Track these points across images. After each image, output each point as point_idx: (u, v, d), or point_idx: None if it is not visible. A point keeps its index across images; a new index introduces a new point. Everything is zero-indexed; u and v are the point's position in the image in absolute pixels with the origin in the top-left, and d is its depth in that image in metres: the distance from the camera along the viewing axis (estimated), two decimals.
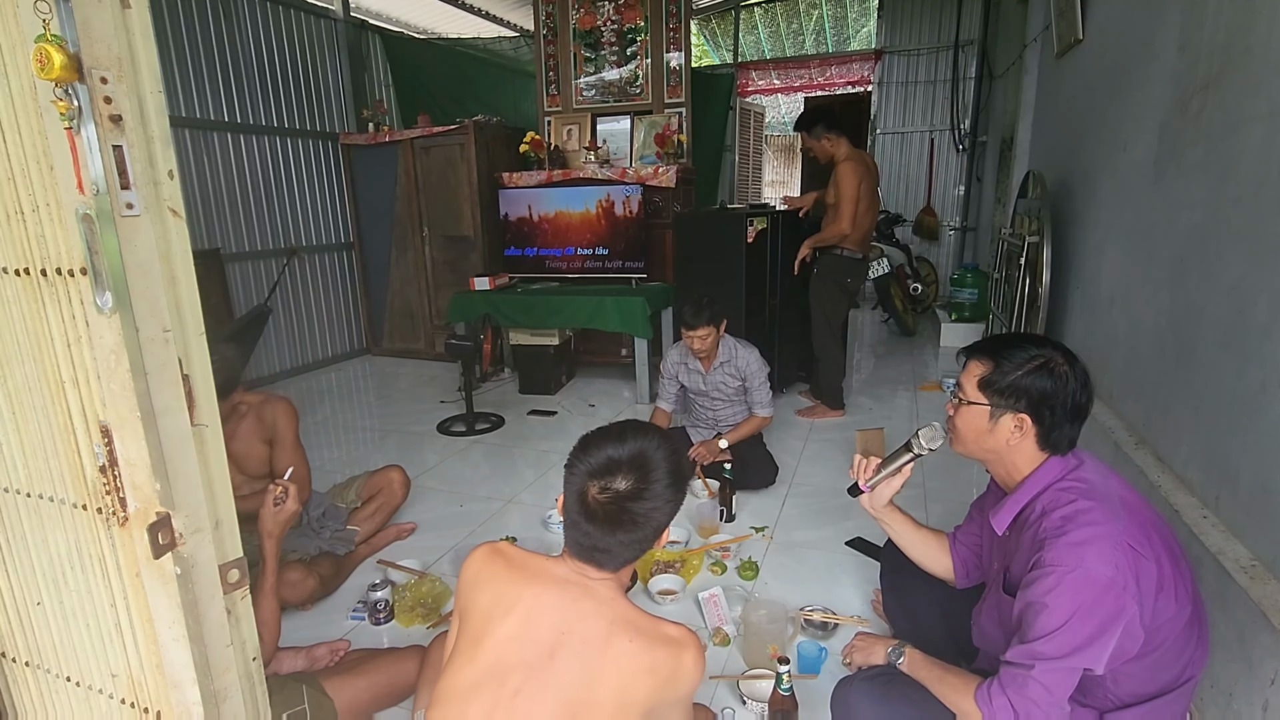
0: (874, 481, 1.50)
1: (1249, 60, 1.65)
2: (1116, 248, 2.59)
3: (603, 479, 1.00)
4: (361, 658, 1.73)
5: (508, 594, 1.03)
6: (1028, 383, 1.22)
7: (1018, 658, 1.13)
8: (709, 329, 2.75)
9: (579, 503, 1.02)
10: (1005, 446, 1.27)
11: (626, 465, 1.01)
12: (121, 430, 0.85)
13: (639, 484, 1.00)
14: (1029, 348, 1.25)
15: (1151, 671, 1.16)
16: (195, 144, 4.22)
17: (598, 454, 1.02)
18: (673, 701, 1.03)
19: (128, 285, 0.79)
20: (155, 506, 0.86)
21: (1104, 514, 1.13)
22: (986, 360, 1.28)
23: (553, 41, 5.04)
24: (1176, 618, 1.14)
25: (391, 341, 5.49)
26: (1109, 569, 1.08)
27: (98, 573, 0.96)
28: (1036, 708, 1.10)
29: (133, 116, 0.80)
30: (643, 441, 1.03)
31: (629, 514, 1.00)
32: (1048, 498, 1.21)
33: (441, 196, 4.96)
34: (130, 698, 1.01)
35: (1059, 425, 1.22)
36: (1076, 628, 1.08)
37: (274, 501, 1.70)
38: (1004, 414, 1.25)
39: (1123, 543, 1.10)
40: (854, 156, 3.50)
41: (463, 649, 1.04)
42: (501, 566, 1.07)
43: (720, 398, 2.95)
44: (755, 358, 2.89)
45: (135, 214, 0.80)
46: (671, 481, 1.03)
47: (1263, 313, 1.52)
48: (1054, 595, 1.09)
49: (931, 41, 6.87)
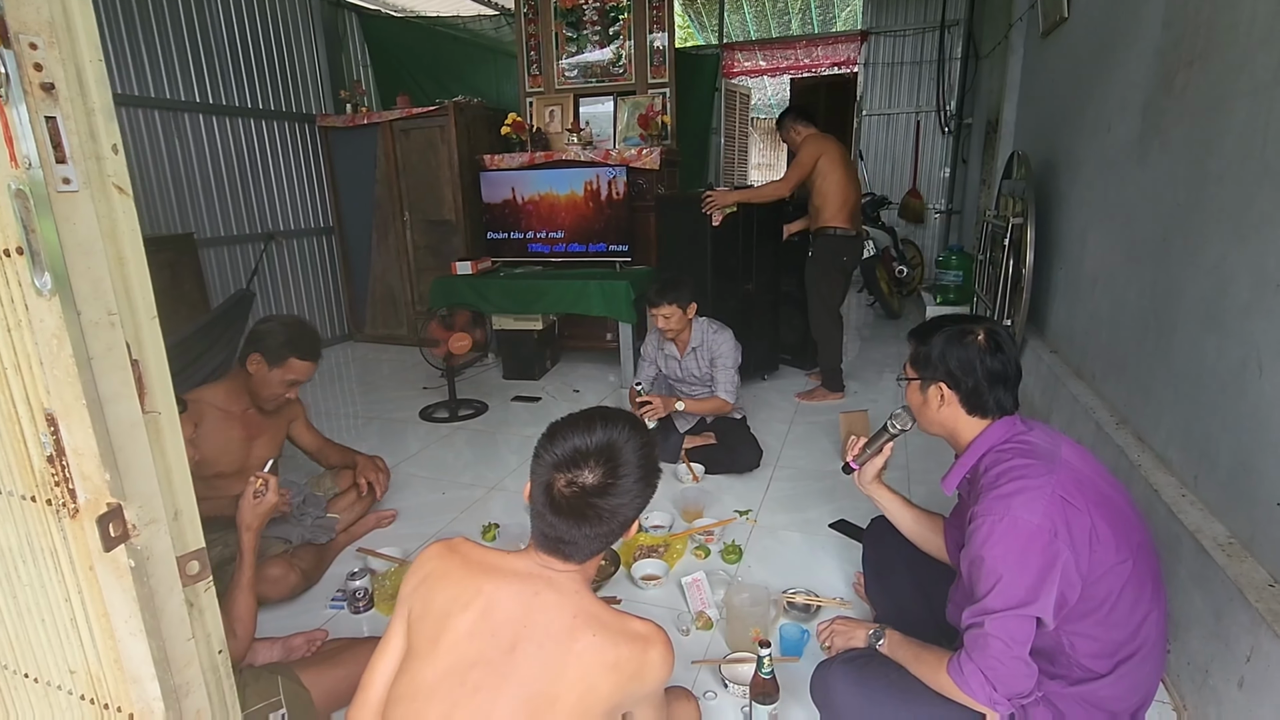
0: (861, 459, 1.60)
1: (1234, 35, 1.64)
2: (1100, 228, 2.59)
3: (569, 471, 0.97)
4: (340, 647, 1.70)
5: (465, 589, 0.99)
6: (940, 353, 1.34)
7: (971, 617, 1.17)
8: (671, 308, 2.73)
9: (544, 494, 0.98)
10: (940, 415, 1.37)
11: (594, 457, 0.98)
12: (68, 418, 0.81)
13: (606, 478, 0.97)
14: (949, 324, 1.36)
15: (1104, 630, 1.18)
16: (166, 125, 4.10)
17: (564, 444, 0.99)
18: (639, 698, 1.00)
19: (67, 266, 0.75)
20: (106, 497, 0.82)
21: (1038, 469, 1.19)
22: (916, 339, 1.41)
23: (534, 20, 4.94)
24: (1117, 570, 1.16)
25: (374, 327, 5.41)
26: (1036, 516, 1.13)
27: (50, 566, 0.92)
28: (1001, 664, 1.13)
29: (69, 86, 0.76)
30: (612, 432, 1.00)
31: (594, 508, 0.97)
32: (990, 458, 1.29)
33: (422, 179, 4.87)
34: (90, 694, 0.98)
35: (979, 390, 1.31)
36: (1015, 577, 1.12)
37: (254, 494, 1.66)
38: (930, 385, 1.37)
39: (1052, 493, 1.15)
40: (817, 136, 3.60)
41: (419, 649, 0.99)
42: (457, 563, 1.03)
43: (695, 383, 2.93)
44: (727, 341, 2.86)
45: (73, 190, 0.75)
46: (641, 475, 1.00)
47: (1243, 291, 1.52)
48: (987, 546, 1.15)
49: (917, 22, 6.82)
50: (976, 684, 1.14)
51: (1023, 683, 1.13)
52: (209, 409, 2.01)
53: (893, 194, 7.06)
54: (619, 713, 0.99)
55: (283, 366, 2.03)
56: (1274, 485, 1.37)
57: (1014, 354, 1.33)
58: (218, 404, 2.03)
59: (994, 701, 1.14)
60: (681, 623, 1.89)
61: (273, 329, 2.03)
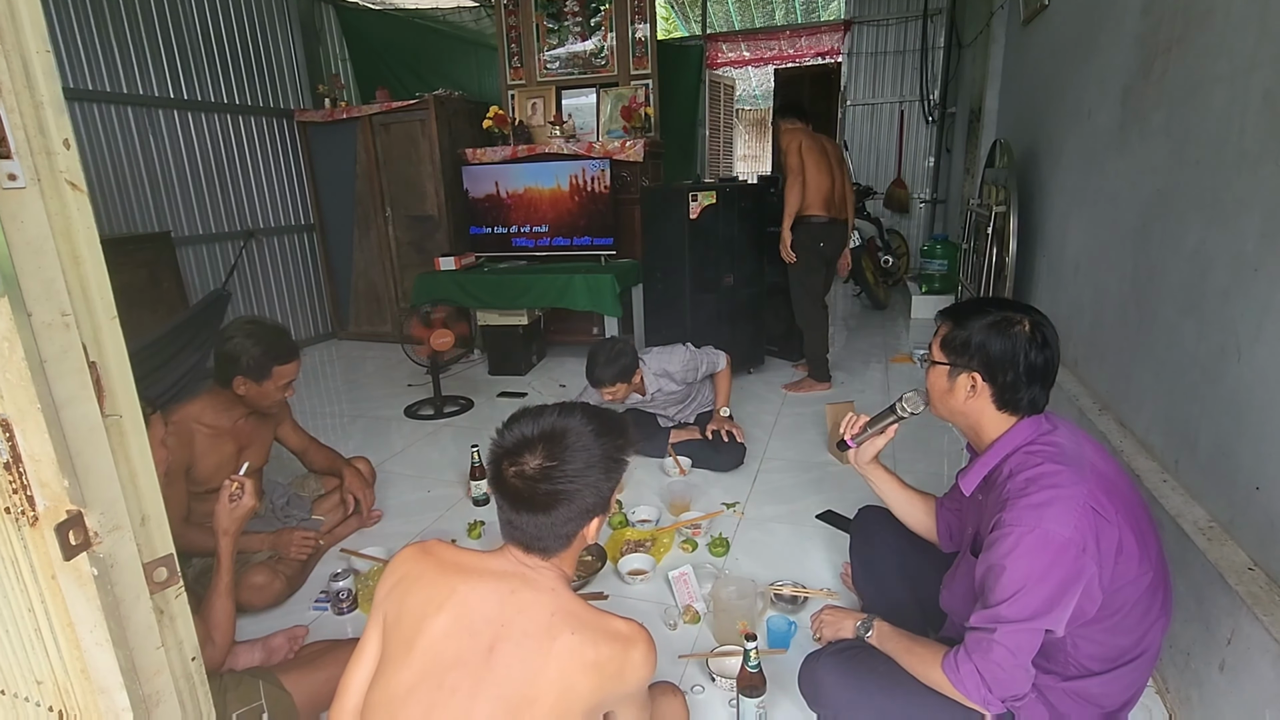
0: (860, 439, 1.54)
1: (1211, 20, 1.64)
2: (1081, 215, 2.60)
3: (515, 458, 0.96)
4: (322, 650, 1.68)
5: (438, 591, 0.98)
6: (980, 340, 1.22)
7: (980, 622, 1.13)
8: (618, 386, 2.57)
9: (496, 484, 0.98)
10: (965, 406, 1.27)
11: (538, 442, 0.97)
12: (23, 423, 0.78)
13: (548, 461, 0.96)
14: (991, 309, 1.25)
15: (1111, 636, 1.16)
16: (140, 122, 4.02)
17: (512, 433, 0.99)
18: (621, 697, 0.99)
19: (14, 265, 0.72)
20: (65, 505, 0.80)
21: (1069, 477, 1.12)
22: (950, 320, 1.30)
23: (514, 12, 4.89)
24: (1137, 581, 1.14)
25: (358, 325, 5.36)
26: (1067, 530, 1.07)
27: (12, 576, 0.89)
28: (1002, 670, 1.10)
29: (14, 79, 0.73)
30: (563, 419, 0.99)
31: (546, 493, 0.95)
32: (1015, 460, 1.21)
33: (403, 174, 4.82)
34: (58, 705, 0.96)
35: (1015, 386, 1.21)
36: (1036, 589, 1.08)
37: (229, 497, 1.63)
38: (960, 373, 1.26)
39: (1084, 505, 1.09)
40: (794, 129, 3.60)
41: (393, 654, 0.98)
42: (431, 564, 1.02)
43: (671, 404, 2.92)
44: (680, 358, 2.77)
45: (19, 186, 0.72)
46: (594, 460, 0.97)
47: (1222, 276, 1.52)
48: (1012, 557, 1.09)
49: (900, 11, 6.81)
50: (972, 684, 1.12)
51: (1019, 686, 1.11)
52: (198, 429, 1.94)
53: (878, 184, 7.07)
54: (600, 712, 0.97)
55: (270, 378, 1.99)
56: (1253, 469, 1.37)
57: (1057, 350, 1.23)
58: (206, 422, 1.97)
59: (987, 702, 1.12)
60: (669, 617, 1.88)
61: (243, 347, 1.95)
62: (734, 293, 3.81)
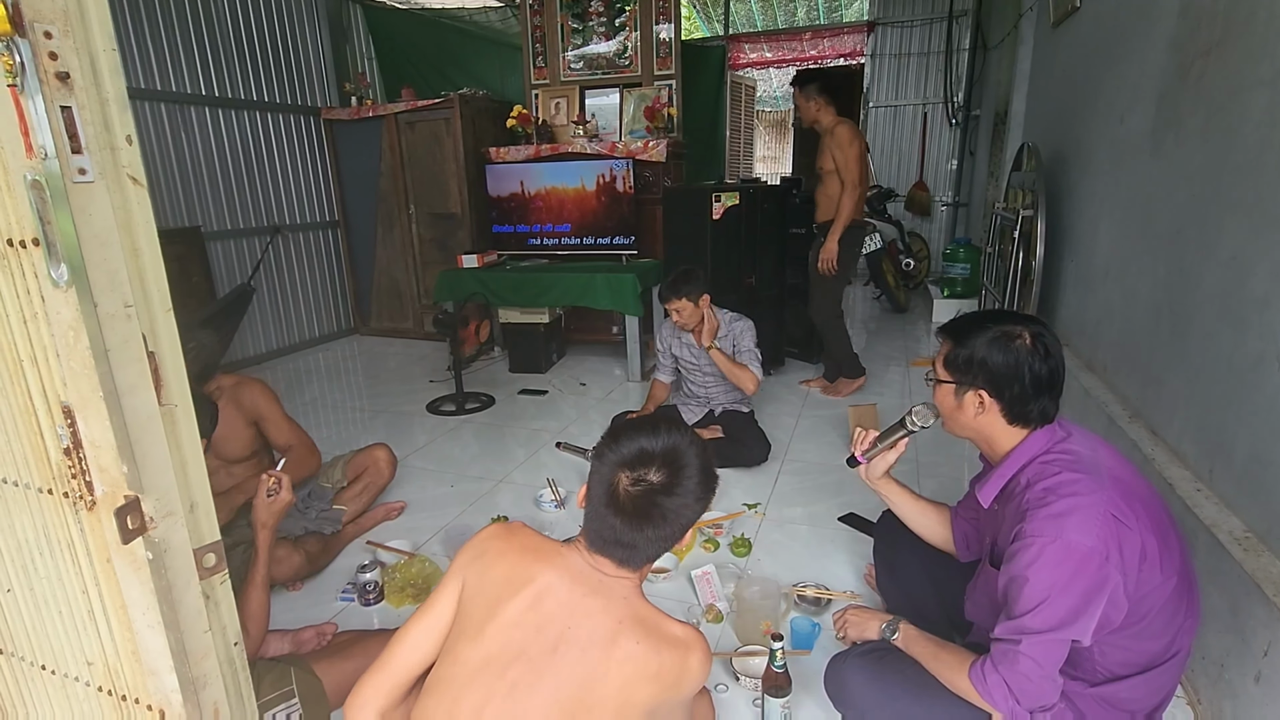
0: (870, 454, 1.53)
1: (1253, 23, 1.61)
2: (1112, 220, 2.57)
3: (635, 470, 0.97)
4: (350, 640, 1.71)
5: (520, 572, 1.00)
6: (982, 357, 1.22)
7: (1006, 633, 1.12)
8: (683, 302, 2.74)
9: (607, 493, 0.98)
10: (976, 423, 1.27)
11: (660, 458, 0.98)
12: (84, 411, 0.81)
13: (671, 478, 0.97)
14: (989, 324, 1.24)
15: (1138, 642, 1.15)
16: (172, 118, 4.09)
17: (630, 444, 0.99)
18: (676, 703, 1.00)
19: (83, 257, 0.74)
20: (123, 490, 0.82)
21: (1088, 485, 1.11)
22: (950, 338, 1.29)
23: (539, 12, 4.91)
24: (1162, 587, 1.13)
25: (379, 321, 5.41)
26: (1089, 539, 1.07)
27: (67, 559, 0.92)
28: (1029, 681, 1.09)
29: (83, 76, 0.75)
30: (676, 437, 1.01)
31: (659, 508, 0.97)
32: (1033, 470, 1.20)
33: (427, 172, 4.86)
34: (107, 685, 0.99)
35: (1023, 399, 1.21)
36: (1060, 600, 1.07)
37: (267, 492, 1.67)
38: (966, 391, 1.25)
39: (1105, 513, 1.08)
40: (847, 120, 3.42)
41: (466, 629, 1.00)
42: (516, 545, 1.04)
43: (713, 372, 2.92)
44: (749, 330, 2.88)
45: (89, 180, 0.75)
46: (702, 479, 1.00)
47: (1262, 283, 1.50)
48: (1035, 568, 1.09)
49: (925, 12, 6.76)
50: (1000, 695, 1.11)
51: (1048, 697, 1.11)
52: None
53: (899, 186, 7.02)
54: (654, 717, 0.99)
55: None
56: None
57: (1061, 358, 1.22)
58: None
59: (1014, 714, 1.12)
60: (691, 615, 1.89)
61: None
62: (755, 294, 3.81)
